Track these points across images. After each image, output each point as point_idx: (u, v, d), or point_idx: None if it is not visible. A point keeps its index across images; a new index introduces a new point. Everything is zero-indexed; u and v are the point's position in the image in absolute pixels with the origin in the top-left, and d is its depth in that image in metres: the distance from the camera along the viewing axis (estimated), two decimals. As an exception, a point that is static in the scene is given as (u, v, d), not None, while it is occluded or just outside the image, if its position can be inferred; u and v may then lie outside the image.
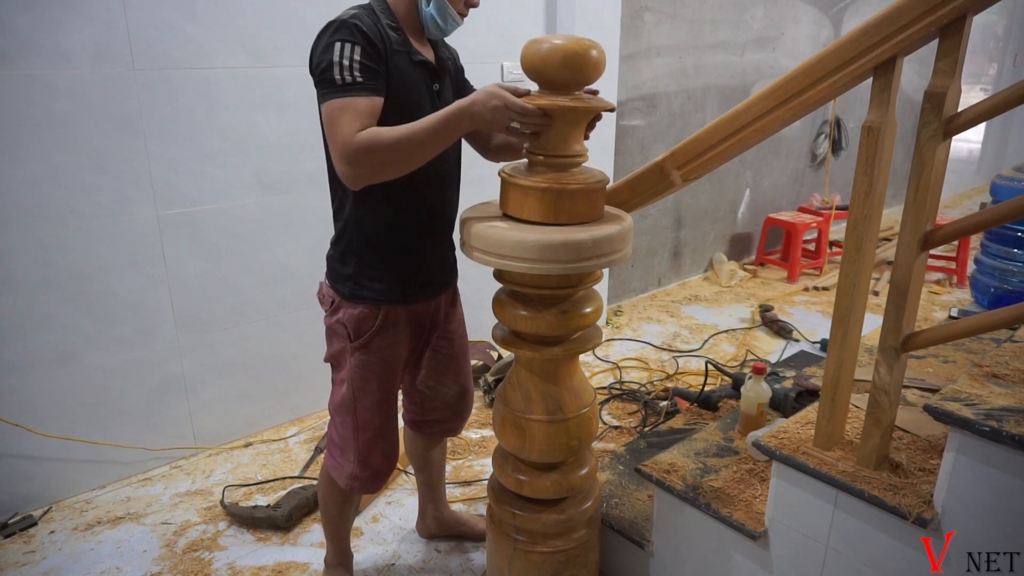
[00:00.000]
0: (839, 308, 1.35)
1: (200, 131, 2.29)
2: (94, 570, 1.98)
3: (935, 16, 1.13)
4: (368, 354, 1.55)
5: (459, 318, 1.79)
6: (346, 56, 1.31)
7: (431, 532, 2.11)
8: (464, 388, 1.83)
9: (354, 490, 1.67)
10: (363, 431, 1.61)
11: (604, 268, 1.38)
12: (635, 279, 4.16)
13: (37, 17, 1.94)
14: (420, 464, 1.99)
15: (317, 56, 1.34)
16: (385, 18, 1.41)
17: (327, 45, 1.32)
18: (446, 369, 1.77)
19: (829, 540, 1.41)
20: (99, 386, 2.27)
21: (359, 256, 1.52)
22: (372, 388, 1.58)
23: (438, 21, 1.44)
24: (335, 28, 1.33)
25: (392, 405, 1.65)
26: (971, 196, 7.31)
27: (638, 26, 3.62)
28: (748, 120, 1.41)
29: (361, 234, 1.50)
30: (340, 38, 1.31)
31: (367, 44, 1.32)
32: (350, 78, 1.30)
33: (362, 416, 1.60)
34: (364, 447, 1.62)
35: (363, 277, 1.52)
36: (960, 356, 2.05)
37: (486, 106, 1.28)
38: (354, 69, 1.31)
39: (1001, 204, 1.17)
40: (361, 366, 1.56)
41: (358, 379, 1.57)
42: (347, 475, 1.65)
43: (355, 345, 1.55)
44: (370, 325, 1.53)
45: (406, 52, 1.42)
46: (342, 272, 1.54)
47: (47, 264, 2.09)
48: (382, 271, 1.52)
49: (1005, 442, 1.13)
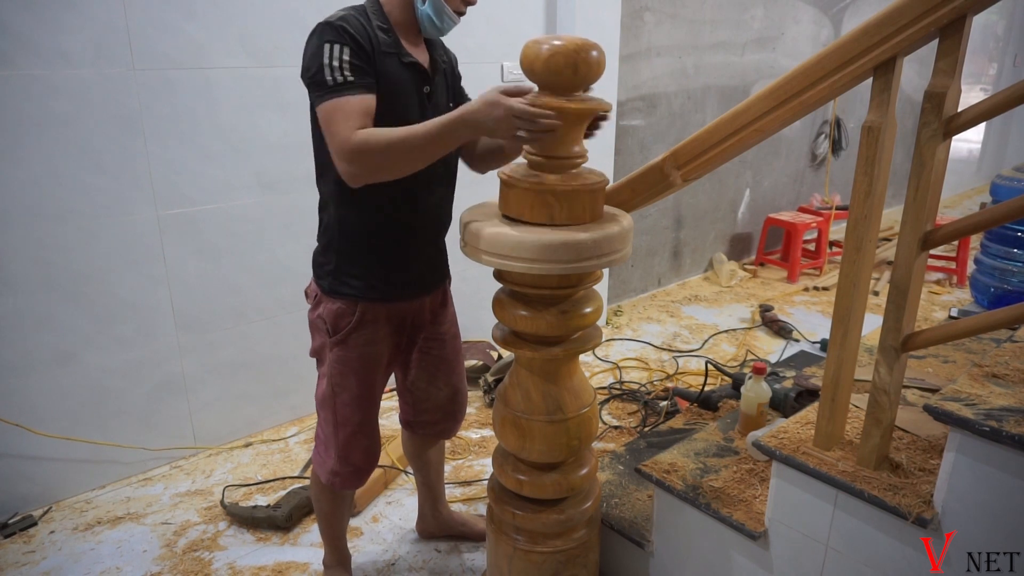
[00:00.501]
0: (839, 308, 1.35)
1: (200, 131, 2.29)
2: (94, 570, 1.98)
3: (935, 16, 1.13)
4: (346, 350, 1.57)
5: (451, 319, 1.78)
6: (335, 57, 1.32)
7: (431, 532, 2.11)
8: (456, 390, 1.82)
9: (335, 486, 1.68)
10: (342, 427, 1.62)
11: (604, 268, 1.38)
12: (635, 279, 4.16)
13: (37, 17, 1.94)
14: (418, 465, 2.00)
15: (307, 60, 1.36)
16: (376, 19, 1.41)
17: (315, 48, 1.33)
18: (437, 371, 1.76)
19: (829, 540, 1.41)
20: (99, 386, 2.27)
21: (340, 252, 1.53)
22: (351, 384, 1.59)
23: (434, 20, 1.43)
24: (322, 30, 1.34)
25: (372, 402, 1.65)
26: (971, 196, 7.31)
27: (638, 26, 3.62)
28: (748, 120, 1.41)
29: (342, 231, 1.51)
30: (327, 40, 1.33)
31: (354, 44, 1.34)
32: (341, 78, 1.32)
33: (341, 412, 1.61)
34: (344, 443, 1.63)
35: (342, 273, 1.53)
36: (960, 356, 2.05)
37: (489, 116, 1.26)
38: (344, 69, 1.32)
39: (1001, 204, 1.17)
40: (339, 361, 1.57)
41: (337, 374, 1.58)
42: (328, 471, 1.67)
43: (333, 340, 1.56)
44: (347, 321, 1.54)
45: (395, 53, 1.42)
46: (324, 267, 1.56)
47: (47, 264, 2.09)
48: (361, 268, 1.53)
49: (1005, 442, 1.13)
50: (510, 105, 1.24)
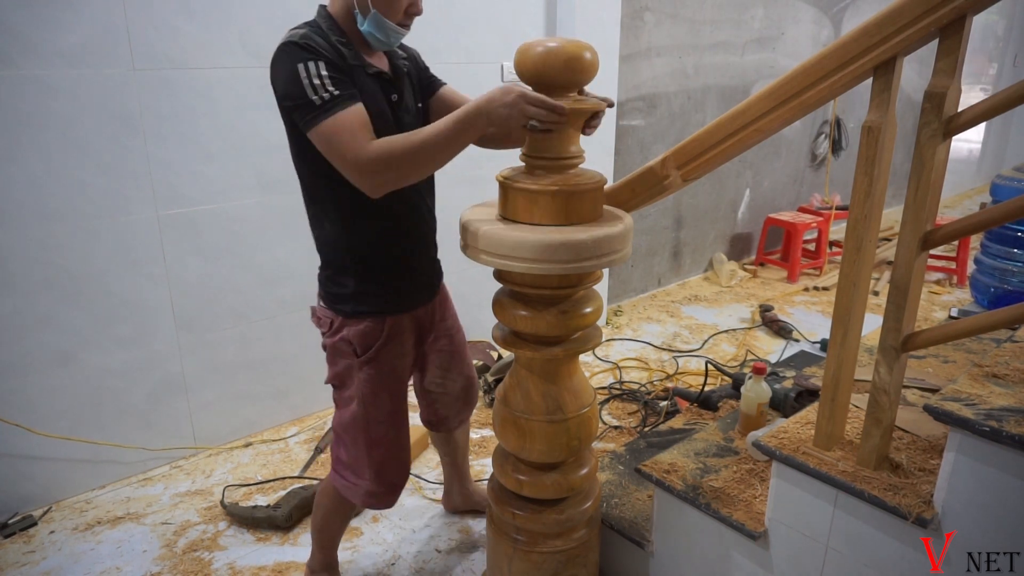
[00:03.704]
0: (839, 308, 1.35)
1: (200, 131, 2.29)
2: (94, 570, 1.98)
3: (935, 16, 1.13)
4: (378, 366, 1.55)
5: (452, 314, 1.82)
6: (314, 75, 1.27)
7: (456, 507, 2.22)
8: (469, 379, 1.89)
9: (372, 506, 1.68)
10: (376, 447, 1.60)
11: (604, 268, 1.38)
12: (635, 279, 4.16)
13: (37, 17, 1.94)
14: (445, 449, 2.07)
15: (283, 86, 1.30)
16: (334, 35, 1.37)
17: (290, 71, 1.28)
18: (451, 364, 1.81)
19: (829, 540, 1.41)
20: (99, 386, 2.27)
21: (355, 275, 1.51)
22: (383, 400, 1.58)
23: (378, 36, 1.40)
24: (290, 51, 1.29)
25: (403, 415, 1.65)
26: (971, 196, 7.31)
27: (638, 26, 3.62)
28: (748, 120, 1.41)
29: (351, 253, 1.50)
30: (300, 59, 1.28)
31: (326, 57, 1.30)
32: (327, 95, 1.27)
33: (375, 432, 1.59)
34: (378, 463, 1.62)
35: (363, 294, 1.52)
36: (960, 356, 2.05)
37: (502, 102, 1.24)
38: (327, 85, 1.27)
39: (1001, 204, 1.17)
40: (371, 380, 1.55)
41: (369, 394, 1.56)
42: (363, 493, 1.64)
43: (363, 360, 1.54)
44: (376, 338, 1.54)
45: (360, 66, 1.39)
46: (340, 293, 1.53)
47: (47, 264, 2.09)
48: (381, 284, 1.52)
49: (1005, 442, 1.13)
50: (522, 91, 1.24)
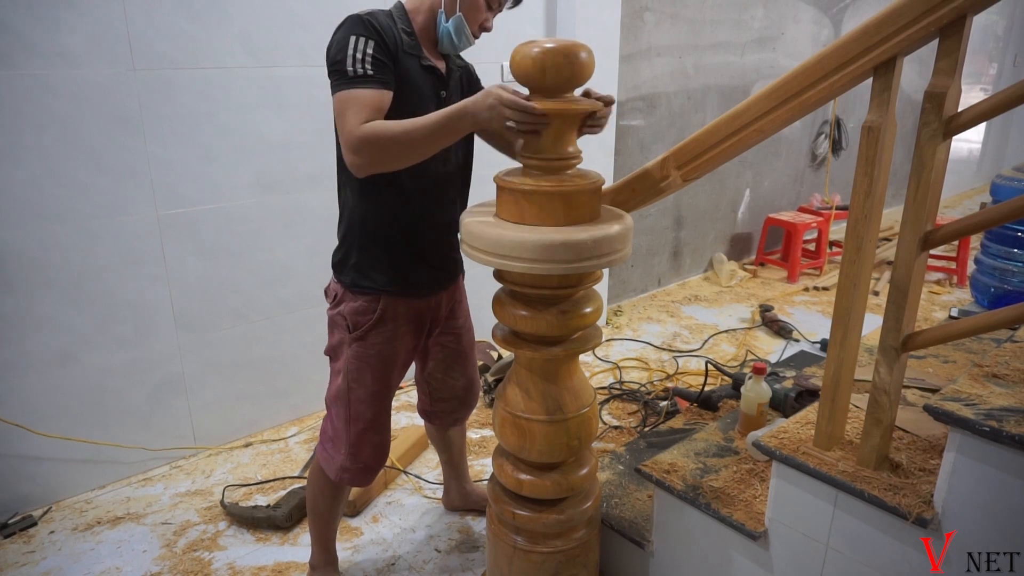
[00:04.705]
0: (839, 308, 1.35)
1: (200, 131, 2.29)
2: (94, 570, 1.98)
3: (935, 16, 1.13)
4: (364, 347, 1.60)
5: (465, 313, 1.85)
6: (359, 49, 1.36)
7: (455, 505, 2.23)
8: (471, 380, 1.92)
9: (343, 482, 1.70)
10: (354, 423, 1.65)
11: (604, 268, 1.38)
12: (635, 279, 4.16)
13: (37, 17, 1.94)
14: (441, 446, 2.10)
15: (332, 50, 1.39)
16: (401, 23, 1.47)
17: (342, 38, 1.37)
18: (453, 363, 1.84)
19: (829, 540, 1.41)
20: (99, 386, 2.27)
21: (362, 247, 1.57)
22: (366, 380, 1.62)
23: (453, 37, 1.50)
24: (351, 23, 1.38)
25: (386, 400, 1.69)
26: (971, 196, 7.30)
27: (638, 26, 3.62)
28: (748, 120, 1.41)
29: (363, 227, 1.55)
30: (355, 32, 1.37)
31: (380, 39, 1.38)
32: (361, 70, 1.36)
33: (355, 408, 1.64)
34: (355, 439, 1.66)
35: (365, 267, 1.57)
36: (960, 356, 2.05)
37: (484, 104, 1.30)
38: (366, 62, 1.36)
39: (1001, 204, 1.17)
40: (357, 358, 1.61)
41: (353, 370, 1.61)
42: (337, 467, 1.68)
43: (352, 337, 1.60)
44: (368, 318, 1.58)
45: (416, 56, 1.47)
46: (345, 263, 1.60)
47: (47, 264, 2.09)
48: (383, 263, 1.57)
49: (1005, 442, 1.13)
50: (499, 94, 1.28)
